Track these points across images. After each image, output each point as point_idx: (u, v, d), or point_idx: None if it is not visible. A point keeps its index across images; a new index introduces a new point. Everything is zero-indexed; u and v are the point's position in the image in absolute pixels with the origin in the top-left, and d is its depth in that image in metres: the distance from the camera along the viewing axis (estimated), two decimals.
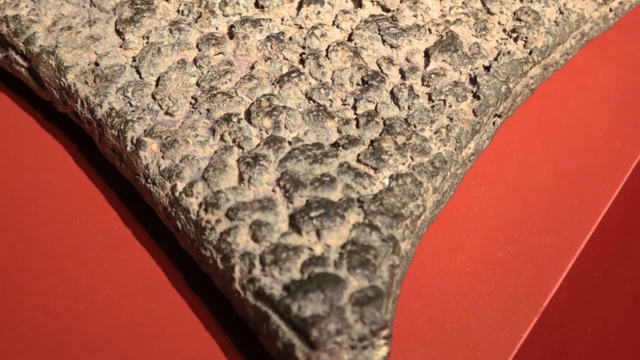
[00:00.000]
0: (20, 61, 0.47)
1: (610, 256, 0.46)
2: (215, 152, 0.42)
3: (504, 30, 0.47)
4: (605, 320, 0.46)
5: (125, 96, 0.44)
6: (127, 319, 0.41)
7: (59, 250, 0.44)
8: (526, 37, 0.46)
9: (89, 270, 0.43)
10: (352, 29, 0.46)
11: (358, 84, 0.45)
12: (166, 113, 0.44)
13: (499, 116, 0.46)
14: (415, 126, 0.43)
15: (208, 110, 0.43)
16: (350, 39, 0.46)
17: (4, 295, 0.42)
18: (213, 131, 0.43)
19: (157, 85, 0.45)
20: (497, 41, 0.46)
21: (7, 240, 0.44)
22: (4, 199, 0.45)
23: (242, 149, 0.42)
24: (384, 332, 0.38)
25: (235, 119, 0.43)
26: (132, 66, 0.45)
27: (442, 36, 0.46)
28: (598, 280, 0.46)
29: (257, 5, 0.47)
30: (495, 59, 0.46)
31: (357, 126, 0.43)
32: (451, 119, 0.43)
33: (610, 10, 0.49)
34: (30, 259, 0.43)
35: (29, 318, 0.41)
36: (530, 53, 0.46)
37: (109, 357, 0.40)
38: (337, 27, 0.47)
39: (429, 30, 0.46)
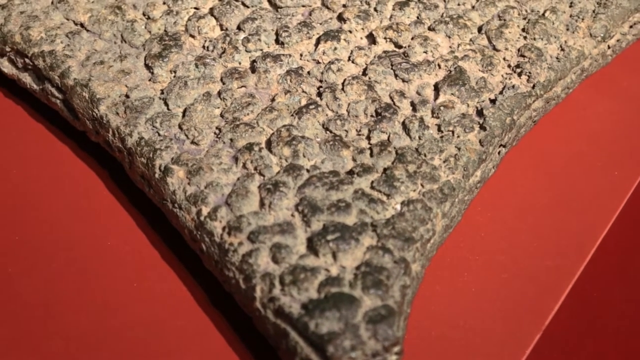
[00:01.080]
0: (56, 93, 0.47)
1: (608, 277, 0.46)
2: (238, 179, 0.42)
3: (509, 66, 0.47)
4: (603, 338, 0.46)
5: (153, 126, 0.44)
6: (154, 335, 0.41)
7: (91, 269, 0.44)
8: (530, 72, 0.46)
9: (119, 288, 0.43)
10: (366, 64, 0.46)
11: (372, 116, 0.44)
12: (192, 142, 0.44)
13: (504, 146, 0.46)
14: (425, 155, 0.43)
15: (231, 139, 0.43)
16: (364, 73, 0.46)
17: (39, 312, 0.42)
18: (236, 159, 0.43)
19: (183, 116, 0.45)
20: (502, 76, 0.46)
21: (43, 260, 0.44)
22: (41, 222, 0.45)
23: (263, 176, 0.42)
24: (396, 349, 0.38)
25: (256, 148, 0.43)
26: (160, 98, 0.45)
27: (450, 71, 0.46)
28: (596, 300, 0.45)
29: (277, 41, 0.47)
30: (501, 93, 0.45)
31: (371, 155, 0.43)
32: (459, 149, 0.43)
33: (609, 47, 0.49)
34: (64, 278, 0.43)
35: (64, 333, 0.41)
36: (533, 87, 0.46)
37: None
38: (353, 62, 0.46)
39: (439, 65, 0.46)
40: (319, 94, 0.45)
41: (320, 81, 0.46)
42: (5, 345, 0.41)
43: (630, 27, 0.50)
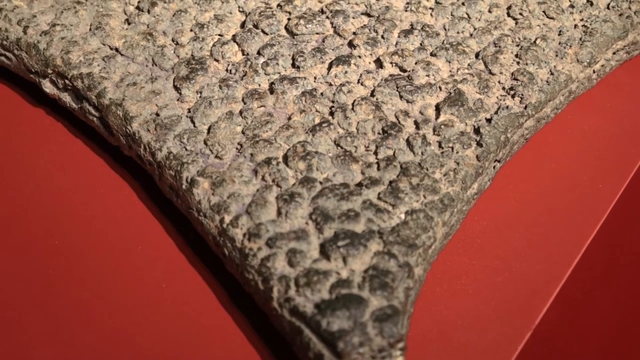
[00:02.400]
0: (93, 112, 0.47)
1: (593, 281, 0.46)
2: (258, 190, 0.42)
3: (503, 88, 0.46)
4: (589, 337, 0.46)
5: (181, 142, 0.44)
6: (181, 330, 0.42)
7: (124, 271, 0.44)
8: (522, 94, 0.46)
9: (149, 289, 0.43)
10: (374, 86, 0.46)
11: (379, 133, 0.44)
12: (216, 157, 0.44)
13: (499, 161, 0.46)
14: (427, 169, 0.43)
15: (251, 154, 0.43)
16: (372, 94, 0.46)
17: (77, 309, 0.42)
18: (255, 172, 0.43)
19: (208, 133, 0.45)
20: (497, 97, 0.46)
21: (81, 263, 0.44)
22: (79, 228, 0.45)
23: (280, 187, 0.42)
24: (400, 345, 0.38)
25: (274, 162, 0.43)
26: (187, 116, 0.45)
27: (450, 93, 0.46)
28: (582, 302, 0.45)
29: (293, 65, 0.47)
30: (496, 113, 0.45)
31: (378, 169, 0.43)
32: (458, 164, 0.43)
33: (594, 72, 0.49)
34: (100, 279, 0.43)
35: (99, 329, 0.42)
36: (525, 108, 0.46)
37: None
38: (362, 84, 0.46)
39: (440, 87, 0.46)
40: (331, 113, 0.45)
41: (332, 102, 0.46)
42: (46, 340, 0.41)
43: (614, 53, 0.50)
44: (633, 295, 0.47)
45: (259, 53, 0.48)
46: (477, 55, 0.48)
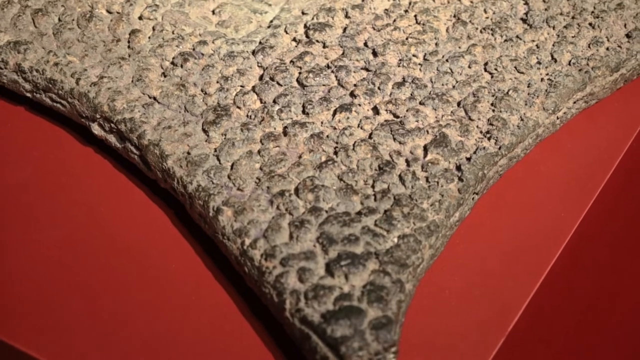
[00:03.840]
0: (134, 150, 0.47)
1: (557, 295, 0.46)
2: (273, 217, 0.42)
3: (481, 132, 0.46)
4: (555, 344, 0.46)
5: (208, 176, 0.44)
6: (208, 336, 0.42)
7: (160, 287, 0.44)
8: (497, 137, 0.46)
9: (181, 300, 0.43)
10: (371, 130, 0.46)
11: (375, 170, 0.44)
12: (238, 189, 0.44)
13: (477, 194, 0.46)
14: (416, 200, 0.43)
15: (268, 187, 0.44)
16: (370, 137, 0.46)
17: (121, 322, 0.42)
18: (271, 202, 0.43)
19: (231, 169, 0.45)
20: (475, 139, 0.46)
21: (123, 278, 0.44)
22: (122, 250, 0.45)
23: (292, 215, 0.42)
24: (393, 349, 0.38)
25: (287, 194, 0.43)
26: (213, 155, 0.45)
27: (436, 136, 0.46)
28: (548, 312, 0.45)
29: (304, 112, 0.47)
30: (474, 153, 0.45)
31: (375, 200, 0.43)
32: (442, 195, 0.43)
33: (557, 118, 0.49)
34: (140, 293, 0.44)
35: (138, 334, 0.42)
36: (499, 148, 0.46)
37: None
38: (361, 128, 0.46)
39: (427, 131, 0.46)
40: (335, 153, 0.45)
41: (336, 143, 0.46)
42: (88, 345, 0.41)
43: (574, 102, 0.50)
44: (590, 306, 0.47)
45: (274, 101, 0.48)
46: (458, 104, 0.48)
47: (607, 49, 0.50)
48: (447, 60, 0.50)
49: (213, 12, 0.52)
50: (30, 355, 0.41)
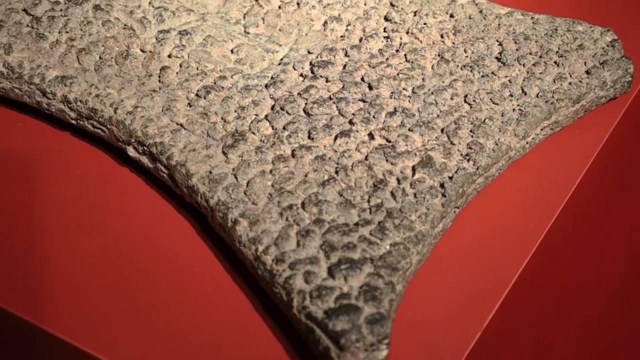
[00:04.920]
0: (163, 170, 0.47)
1: (526, 294, 0.46)
2: (282, 227, 0.43)
3: (461, 155, 0.46)
4: (523, 334, 0.46)
5: (227, 192, 0.44)
6: (227, 329, 0.42)
7: (185, 289, 0.44)
8: (475, 159, 0.46)
9: (204, 299, 0.43)
10: (367, 152, 0.46)
11: (371, 187, 0.44)
12: (252, 203, 0.44)
13: (458, 207, 0.46)
14: (406, 213, 0.43)
15: (278, 201, 0.44)
16: (366, 159, 0.46)
17: (153, 314, 0.42)
18: (281, 214, 0.43)
19: (247, 186, 0.45)
20: (457, 161, 0.46)
21: (154, 279, 0.44)
22: (154, 254, 0.45)
23: (299, 226, 0.43)
24: (386, 341, 0.38)
25: (295, 208, 0.43)
26: (232, 174, 0.45)
27: (423, 158, 0.46)
28: (519, 308, 0.45)
29: (309, 137, 0.47)
30: (456, 172, 0.45)
31: (370, 213, 0.43)
32: (428, 209, 0.43)
33: (527, 143, 0.49)
34: (169, 290, 0.44)
35: (166, 326, 0.42)
36: (477, 169, 0.46)
37: (215, 348, 0.41)
38: (358, 151, 0.46)
39: (415, 154, 0.46)
40: (336, 172, 0.45)
41: (337, 164, 0.46)
42: (124, 334, 0.42)
43: (541, 129, 0.49)
44: (555, 304, 0.47)
45: (284, 128, 0.48)
46: (442, 131, 0.47)
47: (570, 83, 0.50)
48: (432, 93, 0.49)
49: (232, 51, 0.52)
50: (75, 346, 0.41)
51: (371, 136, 0.47)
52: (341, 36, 0.53)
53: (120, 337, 0.42)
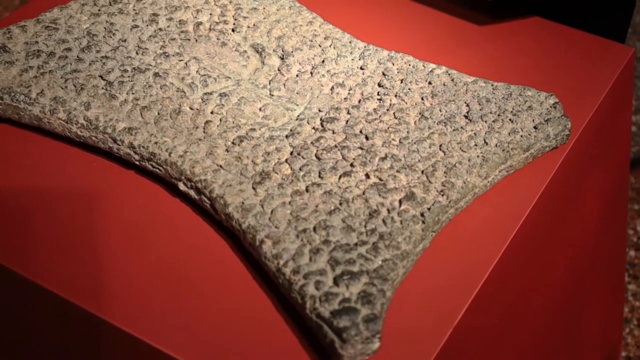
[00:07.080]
0: (206, 200, 0.47)
1: (487, 298, 0.45)
2: (298, 246, 0.43)
3: (437, 191, 0.46)
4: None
5: (256, 219, 0.45)
6: (254, 324, 0.42)
7: (224, 291, 0.44)
8: (448, 194, 0.46)
9: (237, 300, 0.43)
10: (364, 189, 0.46)
11: (367, 216, 0.45)
12: (275, 227, 0.44)
13: (434, 232, 0.45)
14: (394, 236, 0.43)
15: (295, 226, 0.44)
16: (363, 194, 0.46)
17: (199, 312, 0.42)
18: (297, 236, 0.43)
19: (271, 214, 0.45)
20: (433, 195, 0.46)
21: (199, 285, 0.44)
22: (198, 267, 0.45)
23: (311, 245, 0.43)
24: (378, 335, 0.39)
25: (308, 231, 0.43)
26: (259, 204, 0.45)
27: (407, 193, 0.46)
28: (482, 306, 0.45)
29: (319, 176, 0.47)
30: (433, 205, 0.45)
31: (366, 235, 0.43)
32: (411, 233, 0.44)
33: (488, 182, 0.49)
34: (208, 294, 0.44)
35: (207, 320, 0.42)
36: (449, 202, 0.46)
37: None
38: (357, 187, 0.46)
39: (401, 190, 0.46)
40: (340, 204, 0.45)
41: (341, 197, 0.46)
42: (174, 325, 0.41)
43: (499, 171, 0.49)
44: (511, 306, 0.46)
45: (300, 169, 0.48)
46: (422, 172, 0.47)
47: (521, 136, 0.50)
48: (414, 143, 0.49)
49: (260, 109, 0.53)
50: (132, 335, 0.42)
51: (367, 176, 0.47)
52: (344, 98, 0.53)
53: (172, 329, 0.42)
